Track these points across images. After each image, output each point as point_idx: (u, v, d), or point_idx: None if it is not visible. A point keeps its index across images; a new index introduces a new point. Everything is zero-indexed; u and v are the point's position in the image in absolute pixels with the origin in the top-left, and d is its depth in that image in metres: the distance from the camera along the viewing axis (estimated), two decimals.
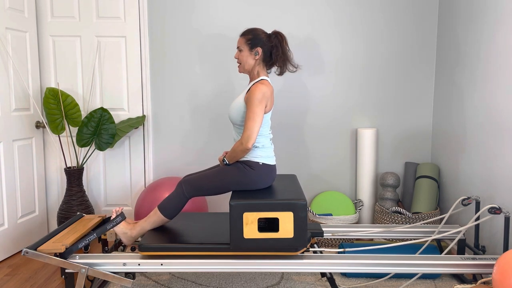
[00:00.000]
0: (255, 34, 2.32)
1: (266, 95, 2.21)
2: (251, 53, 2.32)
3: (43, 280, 2.60)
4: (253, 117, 2.18)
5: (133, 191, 3.46)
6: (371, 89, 3.36)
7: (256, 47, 2.31)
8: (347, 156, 3.43)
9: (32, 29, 3.18)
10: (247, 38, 2.32)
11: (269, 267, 2.14)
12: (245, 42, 2.33)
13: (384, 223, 3.07)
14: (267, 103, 2.24)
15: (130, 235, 2.35)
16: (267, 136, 2.33)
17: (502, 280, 1.71)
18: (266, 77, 2.32)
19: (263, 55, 2.32)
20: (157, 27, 3.34)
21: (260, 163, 2.27)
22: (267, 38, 2.33)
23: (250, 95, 2.20)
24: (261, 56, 2.32)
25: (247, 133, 2.17)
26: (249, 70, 2.36)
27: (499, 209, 2.20)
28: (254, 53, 2.31)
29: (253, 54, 2.32)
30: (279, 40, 2.33)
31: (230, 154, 2.28)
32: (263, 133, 2.30)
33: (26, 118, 3.13)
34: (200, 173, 2.38)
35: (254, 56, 2.32)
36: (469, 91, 2.79)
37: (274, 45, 2.32)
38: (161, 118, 3.42)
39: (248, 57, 2.32)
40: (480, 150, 2.65)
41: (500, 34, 2.44)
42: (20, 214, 3.07)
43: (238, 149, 2.22)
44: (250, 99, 2.19)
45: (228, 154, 2.29)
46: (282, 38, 2.34)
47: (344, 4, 3.30)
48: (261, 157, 2.28)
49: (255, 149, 2.28)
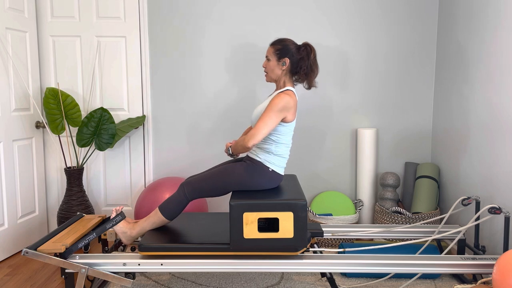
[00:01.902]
0: (285, 45, 2.30)
1: (289, 105, 2.19)
2: (278, 63, 2.30)
3: (43, 280, 2.60)
4: (265, 121, 2.17)
5: (133, 191, 3.46)
6: (371, 89, 3.36)
7: (284, 57, 2.29)
8: (347, 156, 3.43)
9: (32, 29, 3.18)
10: (276, 48, 2.31)
11: (269, 267, 2.14)
12: (273, 52, 2.31)
13: (384, 223, 3.07)
14: (289, 114, 2.22)
15: (129, 234, 2.35)
16: (288, 145, 2.32)
17: (502, 280, 1.71)
18: (292, 88, 2.31)
19: (291, 66, 2.30)
20: (157, 27, 3.34)
21: (270, 169, 2.27)
22: (296, 49, 2.31)
23: (272, 101, 2.19)
24: (288, 67, 2.30)
25: (253, 131, 2.17)
26: (275, 80, 2.35)
27: (499, 209, 2.20)
28: (281, 64, 2.30)
29: (281, 65, 2.30)
30: (307, 53, 2.30)
31: (234, 145, 2.28)
32: (285, 142, 2.29)
33: (26, 118, 3.13)
34: (201, 174, 2.38)
35: (281, 66, 2.30)
36: (469, 91, 2.79)
37: (301, 57, 2.30)
38: (161, 118, 3.42)
39: (275, 67, 2.31)
40: (480, 150, 2.65)
41: (500, 34, 2.44)
42: (20, 214, 3.07)
43: (239, 144, 2.22)
44: (271, 104, 2.18)
45: (234, 145, 2.29)
46: (311, 50, 2.31)
47: (343, 3, 3.30)
48: (273, 164, 2.28)
49: (271, 154, 2.27)
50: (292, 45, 2.31)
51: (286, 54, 2.29)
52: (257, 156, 2.29)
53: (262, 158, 2.27)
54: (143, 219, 2.37)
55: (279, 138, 2.27)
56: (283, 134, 2.27)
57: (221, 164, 2.50)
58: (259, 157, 2.28)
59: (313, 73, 2.33)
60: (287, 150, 2.32)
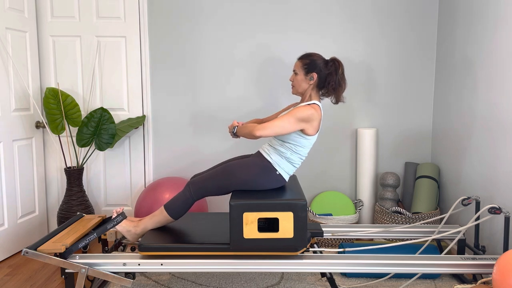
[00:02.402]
0: (312, 60, 2.30)
1: (312, 117, 2.19)
2: (306, 77, 2.30)
3: (43, 280, 2.60)
4: (283, 122, 2.17)
5: (133, 191, 3.46)
6: (371, 89, 3.36)
7: (312, 72, 2.29)
8: (347, 156, 3.43)
9: (32, 29, 3.18)
10: (304, 62, 2.31)
11: (269, 267, 2.14)
12: (301, 66, 2.31)
13: (384, 223, 3.07)
14: (311, 127, 2.21)
15: (134, 232, 2.35)
16: (303, 157, 2.32)
17: (502, 280, 1.71)
18: (318, 102, 2.30)
19: (318, 80, 2.30)
20: (157, 27, 3.34)
21: (277, 172, 2.27)
22: (324, 64, 2.30)
23: (297, 108, 2.19)
24: (316, 81, 2.30)
25: (267, 125, 2.16)
26: (301, 93, 2.35)
27: (499, 209, 2.20)
28: (309, 78, 2.30)
29: (308, 79, 2.30)
30: (335, 68, 2.29)
31: (241, 128, 2.26)
32: (301, 153, 2.29)
33: (26, 118, 3.13)
34: (206, 173, 2.37)
35: (308, 81, 2.30)
36: (469, 91, 2.79)
37: (329, 72, 2.30)
38: (161, 118, 3.42)
39: (302, 81, 2.30)
40: (480, 150, 2.65)
41: (500, 34, 2.44)
42: (20, 214, 3.07)
43: (248, 129, 2.21)
44: (294, 110, 2.18)
45: (241, 126, 2.27)
46: (339, 65, 2.30)
47: (341, 3, 3.30)
48: (282, 169, 2.28)
49: (283, 159, 2.27)
50: (320, 60, 2.31)
51: (314, 69, 2.29)
52: (269, 156, 2.28)
53: (273, 159, 2.27)
54: (147, 217, 2.36)
55: (297, 149, 2.27)
56: (302, 146, 2.27)
57: (225, 162, 2.49)
58: (270, 157, 2.27)
59: (341, 88, 2.32)
60: (300, 161, 2.32)
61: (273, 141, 2.32)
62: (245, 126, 2.26)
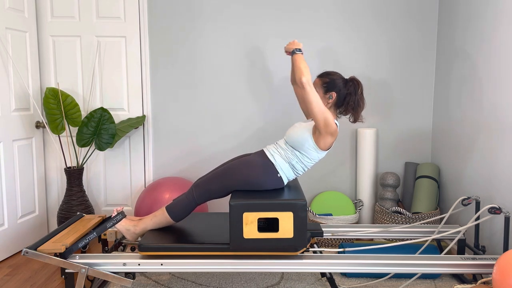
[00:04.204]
0: (332, 79, 2.30)
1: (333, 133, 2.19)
2: (325, 96, 2.30)
3: (43, 280, 2.60)
4: (321, 107, 2.12)
5: (133, 191, 3.46)
6: (371, 89, 3.36)
7: (331, 91, 2.28)
8: (347, 156, 3.43)
9: (32, 29, 3.18)
10: (323, 81, 2.31)
11: (269, 267, 2.14)
12: (321, 84, 2.31)
13: (384, 223, 3.07)
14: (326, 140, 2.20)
15: (133, 231, 2.34)
16: (306, 168, 2.32)
17: (502, 280, 1.71)
18: (336, 121, 2.30)
19: (337, 99, 2.30)
20: (157, 27, 3.34)
21: (278, 174, 2.26)
22: (343, 84, 2.30)
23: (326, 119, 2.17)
24: (335, 100, 2.30)
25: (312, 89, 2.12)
26: None
27: (499, 209, 2.20)
28: (328, 97, 2.29)
29: (327, 98, 2.30)
30: (354, 88, 2.29)
31: (301, 58, 2.21)
32: (306, 165, 2.29)
33: (26, 118, 3.13)
34: (208, 175, 2.36)
35: (327, 100, 2.30)
36: (469, 91, 2.79)
37: (349, 92, 2.29)
38: (161, 118, 3.42)
39: (321, 99, 2.27)
40: (480, 150, 2.65)
41: (500, 34, 2.44)
42: (20, 214, 3.07)
43: (302, 68, 2.14)
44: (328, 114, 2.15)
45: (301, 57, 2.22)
46: (358, 85, 2.31)
47: (340, 2, 3.30)
48: (283, 173, 2.28)
49: (287, 164, 2.27)
50: (340, 79, 2.30)
51: (334, 88, 2.28)
52: (273, 157, 2.28)
53: (277, 161, 2.26)
54: (148, 217, 2.36)
55: (305, 159, 2.27)
56: (310, 159, 2.27)
57: (227, 162, 2.49)
58: (274, 158, 2.27)
59: (360, 108, 2.33)
60: (303, 171, 2.33)
61: (282, 145, 2.32)
62: (300, 64, 2.18)
